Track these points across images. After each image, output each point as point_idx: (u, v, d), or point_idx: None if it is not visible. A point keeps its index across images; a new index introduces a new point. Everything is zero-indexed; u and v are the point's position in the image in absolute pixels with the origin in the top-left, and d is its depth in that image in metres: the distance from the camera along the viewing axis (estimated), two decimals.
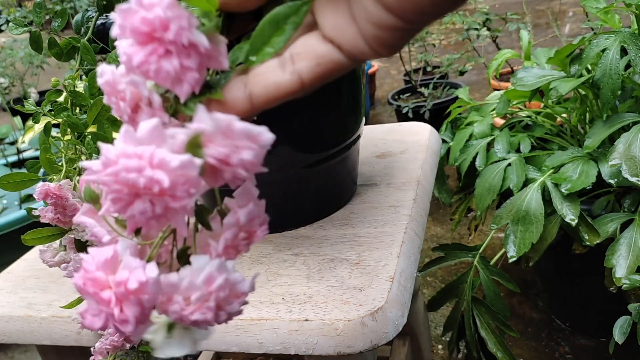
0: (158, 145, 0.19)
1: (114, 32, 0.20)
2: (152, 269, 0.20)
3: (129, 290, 0.19)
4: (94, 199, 0.24)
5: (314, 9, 0.21)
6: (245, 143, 0.20)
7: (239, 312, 0.22)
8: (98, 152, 0.51)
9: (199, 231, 0.23)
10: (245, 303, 0.22)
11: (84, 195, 0.23)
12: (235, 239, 0.22)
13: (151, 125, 0.19)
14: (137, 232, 0.23)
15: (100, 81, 0.22)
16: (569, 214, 0.80)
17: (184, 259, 0.22)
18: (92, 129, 0.52)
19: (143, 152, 0.19)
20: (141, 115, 0.21)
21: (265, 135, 0.20)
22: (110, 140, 0.52)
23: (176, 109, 0.22)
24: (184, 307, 0.20)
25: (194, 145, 0.20)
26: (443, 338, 1.18)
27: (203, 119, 0.20)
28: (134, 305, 0.19)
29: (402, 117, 2.05)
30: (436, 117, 1.82)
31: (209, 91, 0.22)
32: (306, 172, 0.58)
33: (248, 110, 0.22)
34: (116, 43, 0.20)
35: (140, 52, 0.19)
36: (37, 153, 1.72)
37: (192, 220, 0.23)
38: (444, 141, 1.23)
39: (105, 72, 0.22)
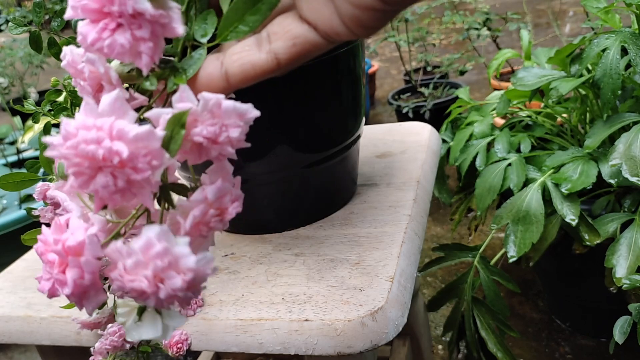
0: (119, 117, 0.19)
1: (67, 14, 0.20)
2: (92, 229, 0.20)
3: (67, 249, 0.19)
4: (65, 177, 0.23)
5: None
6: (233, 121, 0.20)
7: (185, 293, 0.19)
8: None
9: (167, 209, 0.23)
10: (199, 282, 0.20)
11: (57, 171, 0.23)
12: (205, 216, 0.22)
13: (112, 97, 0.19)
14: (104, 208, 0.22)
15: (63, 62, 0.22)
16: (569, 214, 0.80)
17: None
18: None
19: (103, 124, 0.18)
20: (104, 93, 0.21)
21: (252, 112, 0.20)
22: None
23: (139, 85, 0.22)
24: (122, 273, 0.19)
25: (177, 124, 0.20)
26: (443, 338, 1.18)
27: (190, 98, 0.20)
28: (74, 267, 0.19)
29: (402, 117, 2.05)
30: (436, 117, 1.82)
31: (173, 73, 0.21)
32: (306, 172, 0.58)
33: (224, 88, 0.22)
34: (78, 24, 0.20)
35: (93, 30, 0.19)
36: (37, 153, 1.72)
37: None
38: (444, 141, 1.23)
39: (66, 54, 0.22)
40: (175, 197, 0.23)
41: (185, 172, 0.62)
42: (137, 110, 0.22)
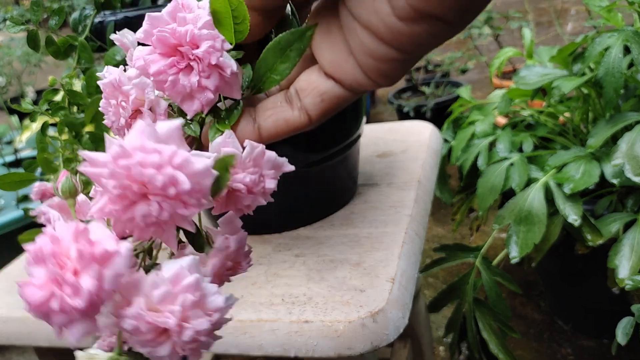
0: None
1: (137, 35, 0.20)
2: (126, 244, 0.17)
3: (93, 255, 0.16)
4: (71, 195, 0.22)
5: (311, 45, 0.21)
6: (271, 172, 0.21)
7: (208, 337, 0.18)
8: (95, 151, 0.51)
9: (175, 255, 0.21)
10: (217, 328, 0.18)
11: (61, 188, 0.22)
12: (222, 267, 0.22)
13: (174, 125, 0.18)
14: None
15: (103, 81, 0.21)
16: (572, 214, 0.79)
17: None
18: (89, 128, 0.51)
19: (163, 150, 0.16)
20: (142, 119, 0.20)
21: (287, 166, 0.21)
22: None
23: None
24: (143, 309, 0.17)
25: (223, 167, 0.19)
26: (444, 339, 1.18)
27: (235, 145, 0.20)
28: (92, 277, 0.16)
29: (403, 116, 2.04)
30: (437, 116, 1.82)
31: (218, 119, 0.22)
32: (306, 172, 0.57)
33: (256, 142, 0.22)
34: (137, 48, 0.20)
35: (160, 61, 0.19)
36: (35, 152, 1.71)
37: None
38: (445, 140, 1.22)
39: (112, 72, 0.21)
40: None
41: None
42: None
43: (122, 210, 0.17)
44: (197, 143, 0.22)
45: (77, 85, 0.52)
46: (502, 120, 1.19)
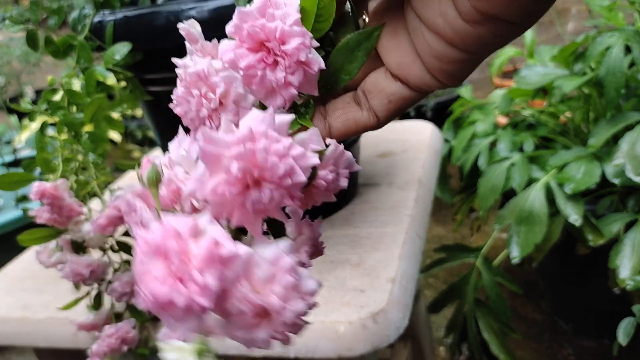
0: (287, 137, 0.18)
1: (228, 29, 0.20)
2: (245, 247, 0.17)
3: (219, 257, 0.16)
4: (156, 183, 0.21)
5: (377, 47, 0.22)
6: (345, 171, 0.22)
7: (304, 316, 0.18)
8: (94, 150, 0.50)
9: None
10: (312, 308, 0.19)
11: (147, 175, 0.21)
12: (310, 252, 0.23)
13: (286, 119, 0.18)
14: None
15: (189, 69, 0.21)
16: (573, 214, 0.79)
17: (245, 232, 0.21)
18: (88, 127, 0.51)
19: (284, 140, 0.17)
20: (225, 112, 0.21)
21: (356, 166, 0.23)
22: (106, 139, 0.52)
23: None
24: (248, 291, 0.17)
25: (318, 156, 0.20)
26: (445, 340, 1.17)
27: (319, 142, 0.20)
28: (217, 278, 0.16)
29: (403, 116, 2.04)
30: (438, 116, 1.81)
31: (299, 115, 0.22)
32: None
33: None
34: (222, 41, 0.20)
35: (249, 56, 0.19)
36: (34, 152, 1.70)
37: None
38: (446, 140, 1.22)
39: (199, 63, 0.21)
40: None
41: None
42: None
43: (237, 194, 0.17)
44: None
45: (76, 84, 0.52)
46: (502, 120, 1.18)
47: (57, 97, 0.52)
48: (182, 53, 0.48)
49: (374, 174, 0.69)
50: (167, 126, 0.58)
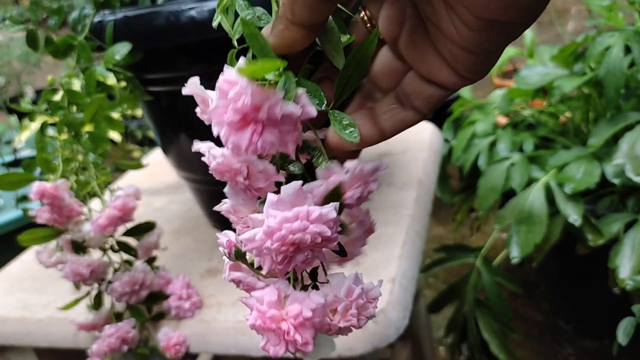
0: (302, 203, 0.23)
1: (214, 132, 0.22)
2: (317, 297, 0.24)
3: (306, 318, 0.23)
4: (242, 256, 0.26)
5: (406, 58, 0.25)
6: (372, 178, 0.25)
7: (374, 315, 0.26)
8: (94, 151, 0.50)
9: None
10: (376, 307, 0.26)
11: (234, 254, 0.26)
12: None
13: (294, 188, 0.23)
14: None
15: (212, 164, 0.25)
16: (573, 214, 0.79)
17: (314, 277, 0.26)
18: (88, 127, 0.51)
19: (299, 212, 0.22)
20: (257, 181, 0.25)
21: (382, 165, 0.26)
22: (106, 139, 0.52)
23: (282, 167, 0.25)
24: (332, 317, 0.24)
25: (335, 195, 0.24)
26: (445, 340, 1.17)
27: (337, 170, 0.24)
28: (309, 329, 0.23)
29: None
30: (438, 116, 1.81)
31: (317, 155, 0.26)
32: (306, 172, 0.57)
33: (379, 141, 0.26)
34: (220, 133, 0.23)
35: (244, 137, 0.22)
36: (34, 152, 1.70)
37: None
38: (445, 140, 1.22)
39: (216, 155, 0.25)
40: None
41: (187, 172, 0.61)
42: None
43: (287, 264, 0.23)
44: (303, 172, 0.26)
45: (76, 84, 0.52)
46: (502, 120, 1.18)
47: (57, 97, 0.52)
48: (182, 53, 0.48)
49: None
50: (167, 126, 0.58)
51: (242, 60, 0.23)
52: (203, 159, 0.26)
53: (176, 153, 0.59)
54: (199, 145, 0.27)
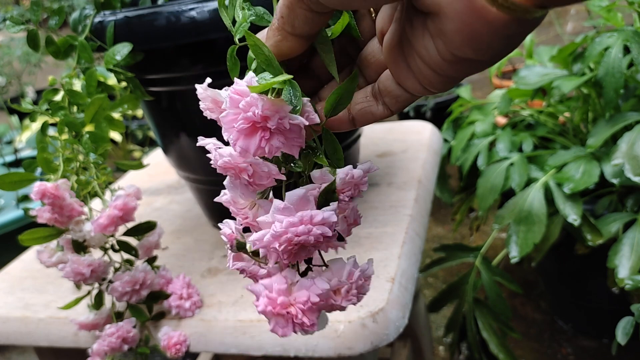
0: (305, 207, 0.25)
1: (225, 137, 0.25)
2: (322, 283, 0.26)
3: (314, 303, 0.25)
4: (243, 247, 0.28)
5: (385, 59, 0.26)
6: (363, 180, 0.28)
7: (368, 290, 0.28)
8: (95, 151, 0.50)
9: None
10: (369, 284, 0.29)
11: (236, 246, 0.28)
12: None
13: (298, 195, 0.25)
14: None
15: (219, 162, 0.26)
16: (572, 214, 0.79)
17: (309, 261, 0.29)
18: (89, 127, 0.51)
19: (303, 217, 0.24)
20: (260, 179, 0.26)
21: (374, 167, 0.28)
22: (107, 139, 0.52)
23: (287, 169, 0.27)
24: (335, 299, 0.27)
25: (331, 191, 0.26)
26: (444, 339, 1.17)
27: (329, 178, 0.26)
28: (315, 312, 0.26)
29: (403, 116, 2.04)
30: (438, 116, 1.81)
31: (315, 155, 0.27)
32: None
33: (349, 128, 0.29)
34: (226, 136, 0.25)
35: (252, 142, 0.24)
36: (34, 152, 1.71)
37: None
38: (445, 140, 1.22)
39: (224, 154, 0.26)
40: None
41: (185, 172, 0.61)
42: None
43: (293, 258, 0.25)
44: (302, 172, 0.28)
45: (77, 85, 0.52)
46: (502, 120, 1.19)
47: (58, 97, 0.52)
48: (182, 54, 0.49)
49: (374, 174, 0.70)
50: (167, 126, 0.58)
51: (250, 74, 0.24)
52: (209, 155, 0.27)
53: (177, 153, 0.59)
54: (204, 142, 0.28)
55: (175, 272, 0.53)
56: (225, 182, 0.28)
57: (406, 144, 0.77)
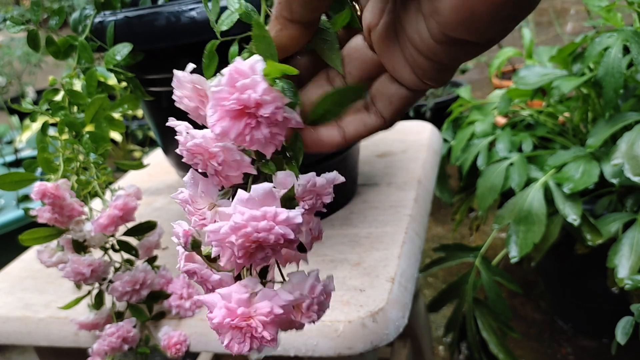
0: (271, 204, 0.23)
1: (208, 113, 0.23)
2: (285, 294, 0.24)
3: (277, 315, 0.23)
4: (197, 246, 0.26)
5: (378, 53, 0.25)
6: (326, 190, 0.26)
7: (328, 307, 0.27)
8: (95, 151, 0.50)
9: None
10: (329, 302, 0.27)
11: (190, 245, 0.26)
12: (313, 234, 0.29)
13: (266, 188, 0.23)
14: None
15: (189, 143, 0.25)
16: (571, 214, 0.79)
17: (264, 276, 0.27)
18: (89, 127, 0.51)
19: (266, 212, 0.22)
20: (229, 168, 0.25)
21: (339, 178, 0.27)
22: (107, 139, 0.52)
23: (258, 168, 0.26)
24: (295, 315, 0.25)
25: (291, 198, 0.25)
26: (444, 339, 1.18)
27: (292, 181, 0.25)
28: (275, 325, 0.23)
29: (403, 116, 2.04)
30: (437, 116, 1.81)
31: (287, 161, 0.26)
32: (306, 172, 0.57)
33: (342, 146, 0.27)
34: (208, 113, 0.23)
35: (235, 126, 0.23)
36: (35, 152, 1.71)
37: None
38: (445, 140, 1.22)
39: (196, 136, 0.25)
40: None
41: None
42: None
43: (246, 259, 0.23)
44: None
45: (77, 85, 0.52)
46: (501, 120, 1.19)
47: (58, 97, 0.52)
48: (182, 54, 0.49)
49: (373, 174, 0.70)
50: (167, 126, 0.58)
51: (256, 57, 0.23)
52: (177, 136, 0.26)
53: (177, 153, 0.59)
54: (175, 123, 0.27)
55: (175, 272, 0.53)
56: (184, 179, 0.26)
57: (406, 144, 0.77)
